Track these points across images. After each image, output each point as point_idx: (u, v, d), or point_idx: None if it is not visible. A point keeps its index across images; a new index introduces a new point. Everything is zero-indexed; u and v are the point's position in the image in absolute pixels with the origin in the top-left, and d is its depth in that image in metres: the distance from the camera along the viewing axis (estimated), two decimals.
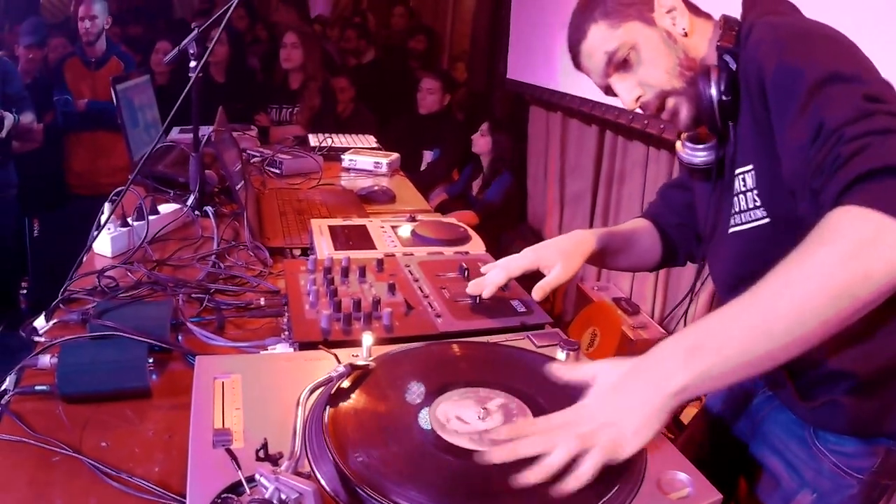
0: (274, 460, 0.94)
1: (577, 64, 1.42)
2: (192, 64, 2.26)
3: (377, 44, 6.79)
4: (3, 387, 1.33)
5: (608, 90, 1.40)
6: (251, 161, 3.13)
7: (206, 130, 3.39)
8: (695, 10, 1.36)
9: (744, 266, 1.28)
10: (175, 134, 3.34)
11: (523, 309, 1.51)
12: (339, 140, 3.59)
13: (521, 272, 1.47)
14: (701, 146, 1.38)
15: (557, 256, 1.47)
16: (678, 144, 1.44)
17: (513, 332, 1.41)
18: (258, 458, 0.94)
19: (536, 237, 4.80)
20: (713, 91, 1.24)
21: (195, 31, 2.26)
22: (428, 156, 5.23)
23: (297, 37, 4.59)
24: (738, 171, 1.27)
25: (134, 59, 4.80)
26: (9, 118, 3.93)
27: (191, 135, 2.38)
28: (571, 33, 1.39)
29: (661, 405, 0.94)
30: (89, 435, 1.19)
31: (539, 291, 1.42)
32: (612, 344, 3.59)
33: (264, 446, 0.95)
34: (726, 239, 1.34)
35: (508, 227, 4.86)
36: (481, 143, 4.82)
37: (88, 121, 4.55)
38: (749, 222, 1.27)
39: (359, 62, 6.42)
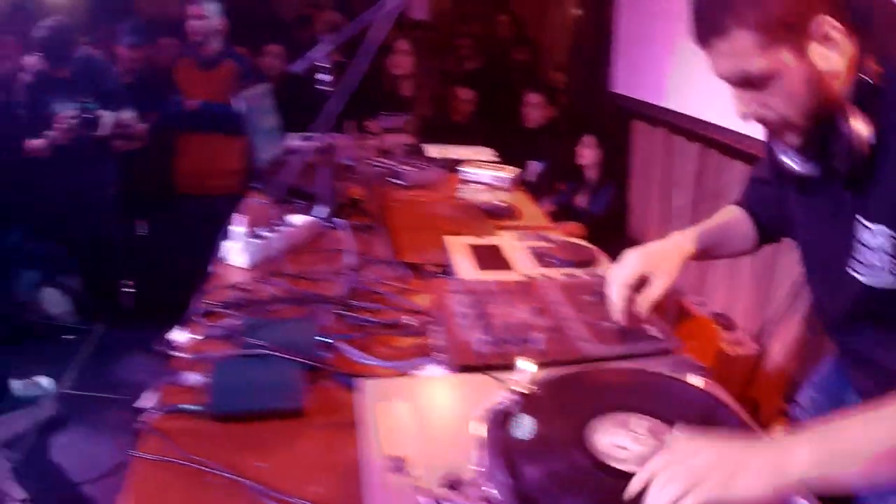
0: (453, 486, 0.95)
1: (701, 42, 1.23)
2: (323, 77, 2.29)
3: (482, 53, 6.80)
4: (145, 403, 1.34)
5: (721, 78, 1.25)
6: (375, 171, 3.15)
7: (322, 138, 3.47)
8: (849, 26, 1.17)
9: (863, 313, 1.27)
10: (296, 141, 3.38)
11: (655, 333, 1.53)
12: (454, 151, 3.59)
13: (635, 281, 1.47)
14: (806, 159, 1.26)
15: (659, 262, 1.47)
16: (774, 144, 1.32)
17: (646, 356, 1.43)
18: (439, 485, 0.95)
19: None
20: (852, 140, 1.14)
21: (325, 45, 2.29)
22: (533, 167, 5.22)
23: (409, 43, 4.60)
24: (866, 223, 1.20)
25: (250, 61, 4.83)
26: (107, 116, 4.04)
27: (312, 142, 2.41)
28: (710, 15, 1.19)
29: (774, 480, 0.93)
30: (245, 455, 1.21)
31: (646, 304, 1.44)
32: (708, 360, 3.55)
33: (448, 475, 0.96)
34: (842, 276, 1.27)
35: (611, 240, 4.82)
36: (586, 155, 4.82)
37: (200, 122, 4.59)
38: (878, 284, 1.21)
39: (465, 71, 6.44)
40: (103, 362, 4.01)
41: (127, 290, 4.42)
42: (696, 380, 1.27)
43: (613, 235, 4.89)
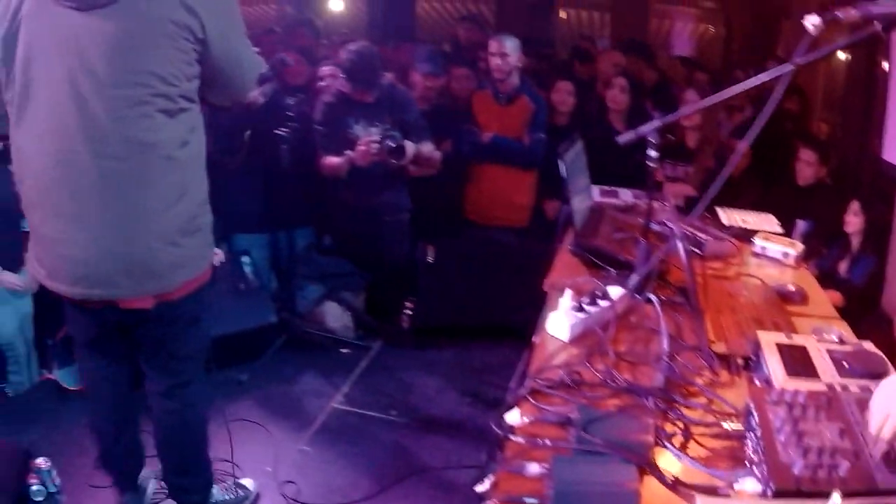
0: None
1: None
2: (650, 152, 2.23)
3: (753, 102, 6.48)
4: (483, 489, 1.38)
5: None
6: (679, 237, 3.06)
7: (626, 195, 3.43)
8: None
9: None
10: (597, 196, 3.36)
11: None
12: (742, 217, 3.43)
13: None
14: None
15: None
16: None
17: None
18: None
19: (888, 326, 4.41)
20: None
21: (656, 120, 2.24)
22: (800, 226, 4.92)
23: (698, 96, 4.49)
24: None
25: (544, 100, 4.92)
26: (409, 147, 4.17)
27: (615, 199, 2.35)
28: None
29: None
30: None
31: None
32: None
33: None
34: None
35: (865, 313, 4.49)
36: (853, 222, 4.50)
37: (493, 155, 4.75)
38: None
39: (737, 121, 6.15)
40: (377, 379, 4.19)
41: (407, 311, 4.58)
42: None
43: (866, 308, 4.58)
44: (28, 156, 2.16)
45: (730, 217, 3.35)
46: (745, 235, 3.12)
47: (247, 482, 3.16)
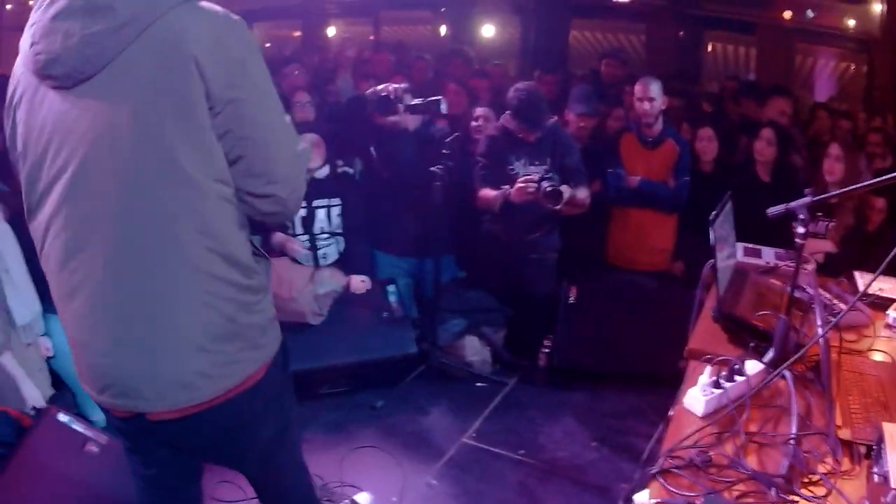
0: None
1: None
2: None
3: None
4: None
5: None
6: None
7: (769, 254, 3.40)
8: None
9: None
10: (741, 255, 3.36)
11: None
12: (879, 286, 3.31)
13: None
14: None
15: None
16: None
17: None
18: None
19: None
20: None
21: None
22: None
23: (842, 149, 4.35)
24: None
25: (688, 143, 4.94)
26: (566, 192, 4.20)
27: (758, 258, 2.32)
28: None
29: None
30: None
31: None
32: None
33: None
34: None
35: None
36: None
37: (638, 198, 4.80)
38: None
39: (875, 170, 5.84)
40: (509, 416, 4.28)
41: (544, 349, 4.65)
42: None
43: None
44: (45, 254, 1.88)
45: (867, 282, 3.25)
46: (882, 304, 3.02)
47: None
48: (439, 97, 4.24)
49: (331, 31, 12.70)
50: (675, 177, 4.78)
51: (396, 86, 4.23)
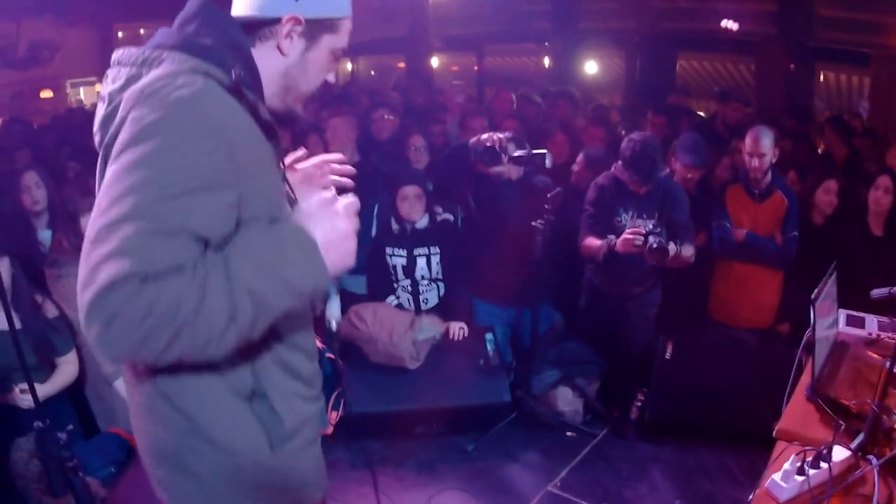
0: None
1: None
2: None
3: None
4: None
5: None
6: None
7: (873, 324, 3.37)
8: None
9: None
10: (842, 324, 3.29)
11: None
12: None
13: None
14: None
15: None
16: None
17: None
18: None
19: None
20: None
21: None
22: None
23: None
24: None
25: (795, 195, 4.83)
26: (671, 249, 4.19)
27: (861, 328, 2.30)
28: None
29: None
30: None
31: None
32: None
33: None
34: None
35: None
36: None
37: (744, 253, 4.76)
38: None
39: None
40: (596, 468, 4.35)
41: (637, 402, 4.70)
42: None
43: None
44: None
45: None
46: None
47: None
48: (544, 151, 4.34)
49: (434, 62, 13.01)
50: (783, 231, 4.70)
51: (500, 136, 4.32)
